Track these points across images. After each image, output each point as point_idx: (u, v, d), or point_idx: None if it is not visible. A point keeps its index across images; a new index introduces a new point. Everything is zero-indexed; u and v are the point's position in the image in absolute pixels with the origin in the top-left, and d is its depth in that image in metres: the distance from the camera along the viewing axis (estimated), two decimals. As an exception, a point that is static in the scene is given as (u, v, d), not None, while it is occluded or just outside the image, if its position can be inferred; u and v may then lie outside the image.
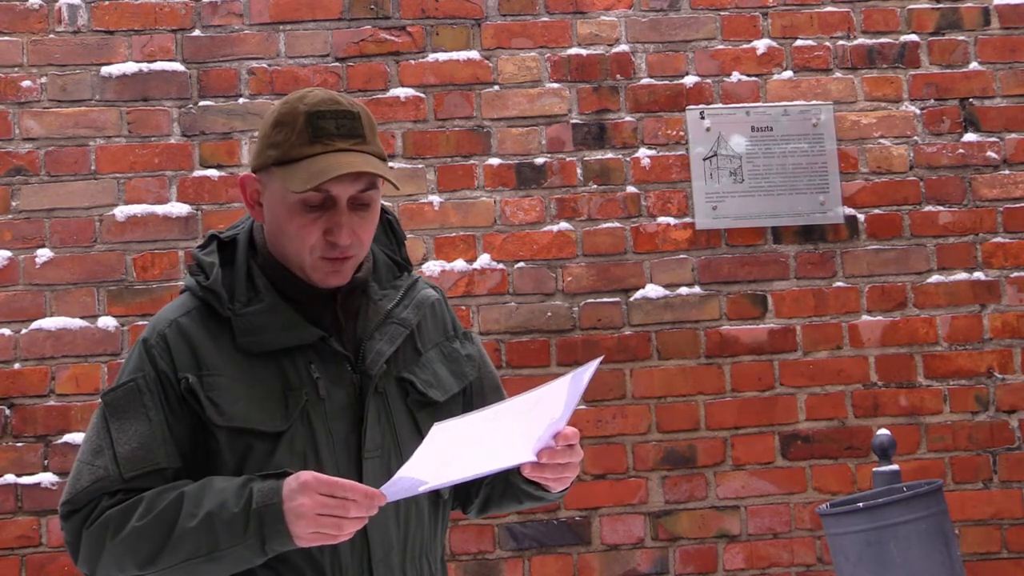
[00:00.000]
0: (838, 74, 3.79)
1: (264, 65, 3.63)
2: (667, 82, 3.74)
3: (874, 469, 3.11)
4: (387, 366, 1.79)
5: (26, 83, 3.56)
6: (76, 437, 3.40)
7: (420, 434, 1.75)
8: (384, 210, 1.94)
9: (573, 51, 3.73)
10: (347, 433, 1.74)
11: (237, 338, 1.74)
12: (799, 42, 3.79)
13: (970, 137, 3.79)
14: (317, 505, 1.56)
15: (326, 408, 1.73)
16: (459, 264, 3.61)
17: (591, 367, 1.65)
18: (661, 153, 3.71)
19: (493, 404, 1.61)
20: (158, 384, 1.72)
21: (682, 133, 3.72)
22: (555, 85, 3.71)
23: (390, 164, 3.61)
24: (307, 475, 1.58)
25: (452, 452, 1.59)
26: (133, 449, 1.68)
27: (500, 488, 1.92)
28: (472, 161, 3.66)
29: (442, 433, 1.54)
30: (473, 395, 1.93)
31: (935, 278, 3.72)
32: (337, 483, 1.56)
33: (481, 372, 1.96)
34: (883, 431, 3.18)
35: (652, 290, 3.64)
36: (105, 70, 3.59)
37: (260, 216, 1.81)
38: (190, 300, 1.80)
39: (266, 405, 1.71)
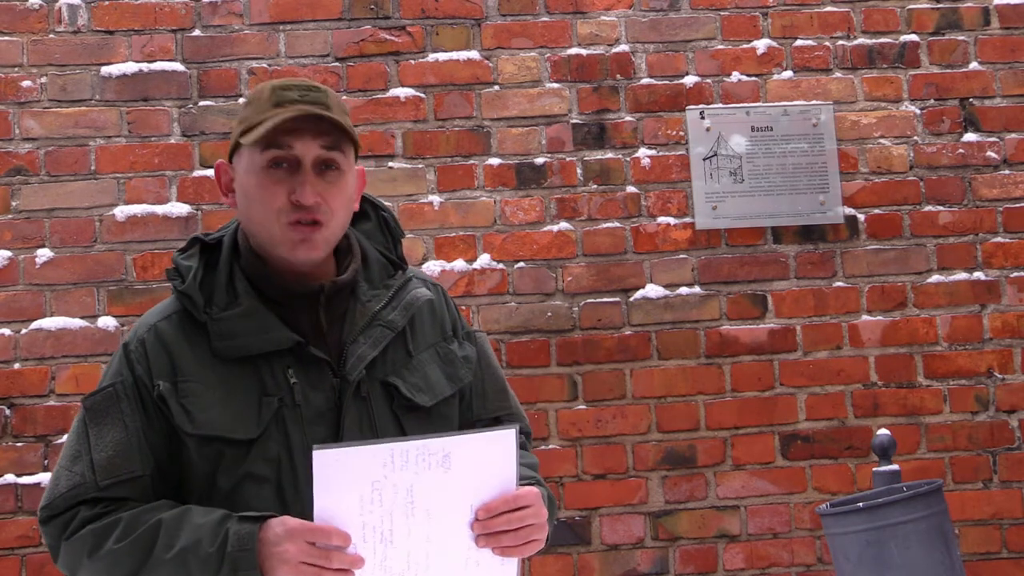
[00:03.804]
0: (838, 74, 3.79)
1: (264, 65, 3.63)
2: (667, 82, 3.74)
3: (874, 469, 3.11)
4: (371, 370, 1.76)
5: (26, 83, 3.56)
6: (76, 437, 3.41)
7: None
8: (380, 207, 1.93)
9: (573, 51, 3.73)
10: (324, 438, 1.71)
11: (213, 343, 1.72)
12: (799, 42, 3.79)
13: (970, 137, 3.79)
14: (301, 553, 1.53)
15: (303, 413, 1.70)
16: (459, 264, 3.61)
17: (508, 434, 1.61)
18: (661, 153, 3.71)
19: (391, 439, 1.59)
20: (135, 390, 1.71)
21: (682, 133, 3.72)
22: (555, 85, 3.71)
23: (389, 164, 3.62)
24: (293, 522, 1.56)
25: (372, 520, 1.55)
26: (109, 457, 1.68)
27: None
28: (472, 161, 3.66)
29: (330, 464, 1.51)
30: (473, 397, 1.90)
31: (935, 278, 3.72)
32: (322, 530, 1.53)
33: (483, 372, 1.92)
34: (883, 431, 3.18)
35: (652, 290, 3.64)
36: (105, 70, 3.59)
37: (234, 202, 1.80)
38: (173, 304, 1.79)
39: (239, 412, 1.69)
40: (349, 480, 1.53)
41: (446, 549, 1.60)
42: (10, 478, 3.39)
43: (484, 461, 1.61)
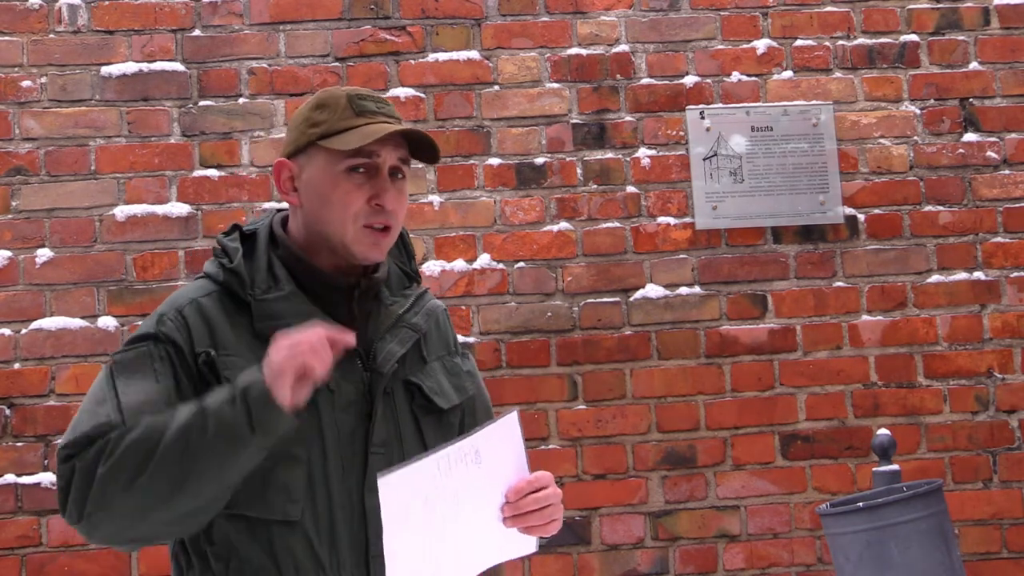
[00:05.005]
0: (838, 74, 3.79)
1: (264, 65, 3.63)
2: (667, 82, 3.74)
3: (874, 469, 3.11)
4: (396, 368, 1.82)
5: (26, 83, 3.56)
6: (76, 437, 3.41)
7: (423, 437, 1.82)
8: None
9: (573, 51, 3.73)
10: (354, 427, 1.76)
11: (255, 323, 1.76)
12: (799, 42, 3.79)
13: (970, 137, 3.79)
14: (283, 358, 1.59)
15: (335, 400, 1.75)
16: (459, 264, 3.61)
17: (513, 418, 1.73)
18: (661, 153, 3.71)
19: (434, 450, 1.64)
20: (170, 353, 1.72)
21: (682, 133, 3.72)
22: (555, 85, 3.71)
23: (390, 164, 3.62)
24: (271, 356, 1.61)
25: (428, 530, 1.61)
26: (139, 401, 1.67)
27: None
28: (472, 161, 3.66)
29: (395, 488, 1.56)
30: (465, 413, 1.95)
31: (935, 278, 3.72)
32: (291, 343, 1.60)
33: (476, 391, 1.99)
34: (883, 431, 3.18)
35: (652, 290, 3.64)
36: (105, 70, 3.59)
37: (296, 200, 1.84)
38: (209, 284, 1.81)
39: None
40: (412, 497, 1.59)
41: (481, 533, 1.71)
42: (10, 478, 3.39)
43: (502, 448, 1.71)
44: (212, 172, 3.58)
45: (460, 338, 2.17)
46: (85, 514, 1.61)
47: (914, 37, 3.82)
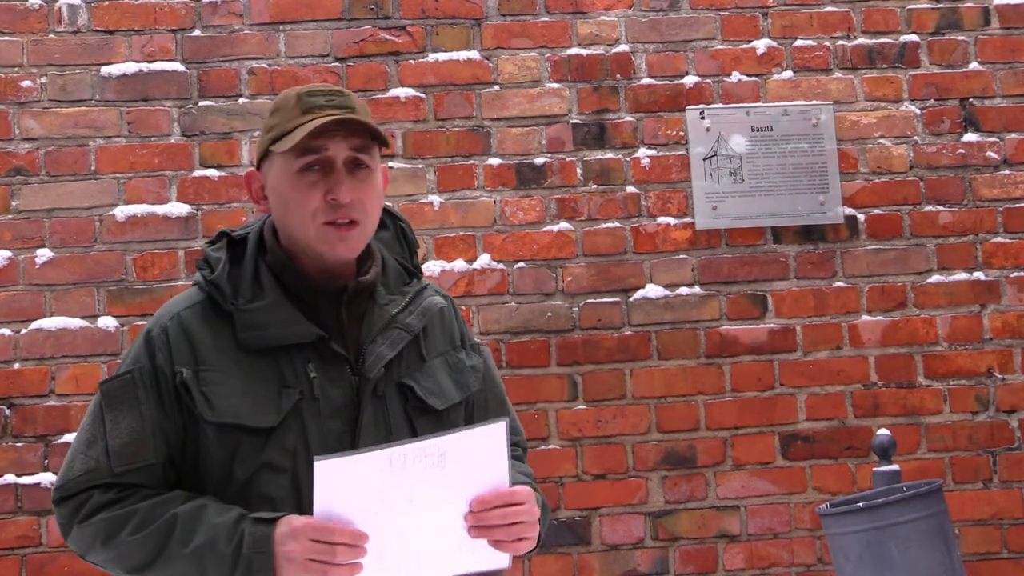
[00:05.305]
0: (838, 74, 3.79)
1: (264, 65, 3.63)
2: (667, 82, 3.74)
3: (874, 469, 3.11)
4: (388, 370, 1.80)
5: (26, 83, 3.56)
6: (76, 437, 3.41)
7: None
8: (398, 217, 1.98)
9: (573, 51, 3.73)
10: (341, 433, 1.75)
11: (238, 333, 1.75)
12: (799, 42, 3.79)
13: (970, 137, 3.79)
14: (306, 550, 1.58)
15: (320, 407, 1.74)
16: (459, 264, 3.61)
17: (498, 428, 1.66)
18: (661, 153, 3.71)
19: (387, 445, 1.63)
20: (153, 378, 1.75)
21: (682, 133, 3.72)
22: (555, 85, 3.71)
23: (389, 164, 3.62)
24: (298, 521, 1.60)
25: (364, 525, 1.58)
26: (124, 444, 1.72)
27: None
28: (472, 161, 3.66)
29: (331, 475, 1.54)
30: (475, 407, 1.93)
31: (935, 278, 3.72)
32: (326, 528, 1.58)
33: (485, 384, 1.96)
34: (883, 431, 3.18)
35: (652, 290, 3.64)
36: (105, 70, 3.59)
37: (267, 208, 1.84)
38: (197, 293, 1.82)
39: (259, 401, 1.72)
40: (350, 488, 1.56)
41: (441, 539, 1.64)
42: (10, 478, 3.39)
43: (478, 455, 1.65)
44: (212, 172, 3.58)
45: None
46: (88, 560, 1.79)
47: (914, 37, 3.82)
